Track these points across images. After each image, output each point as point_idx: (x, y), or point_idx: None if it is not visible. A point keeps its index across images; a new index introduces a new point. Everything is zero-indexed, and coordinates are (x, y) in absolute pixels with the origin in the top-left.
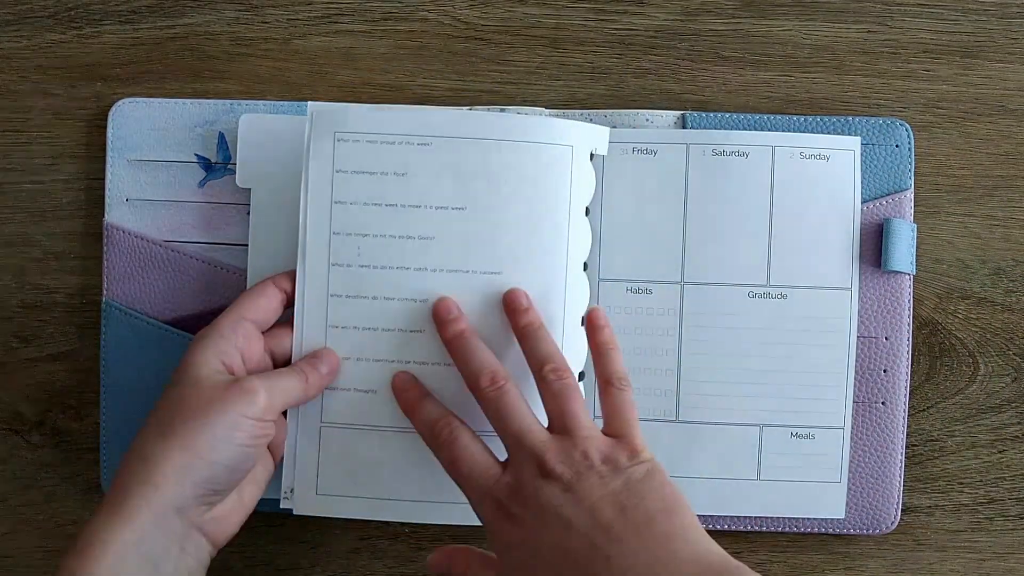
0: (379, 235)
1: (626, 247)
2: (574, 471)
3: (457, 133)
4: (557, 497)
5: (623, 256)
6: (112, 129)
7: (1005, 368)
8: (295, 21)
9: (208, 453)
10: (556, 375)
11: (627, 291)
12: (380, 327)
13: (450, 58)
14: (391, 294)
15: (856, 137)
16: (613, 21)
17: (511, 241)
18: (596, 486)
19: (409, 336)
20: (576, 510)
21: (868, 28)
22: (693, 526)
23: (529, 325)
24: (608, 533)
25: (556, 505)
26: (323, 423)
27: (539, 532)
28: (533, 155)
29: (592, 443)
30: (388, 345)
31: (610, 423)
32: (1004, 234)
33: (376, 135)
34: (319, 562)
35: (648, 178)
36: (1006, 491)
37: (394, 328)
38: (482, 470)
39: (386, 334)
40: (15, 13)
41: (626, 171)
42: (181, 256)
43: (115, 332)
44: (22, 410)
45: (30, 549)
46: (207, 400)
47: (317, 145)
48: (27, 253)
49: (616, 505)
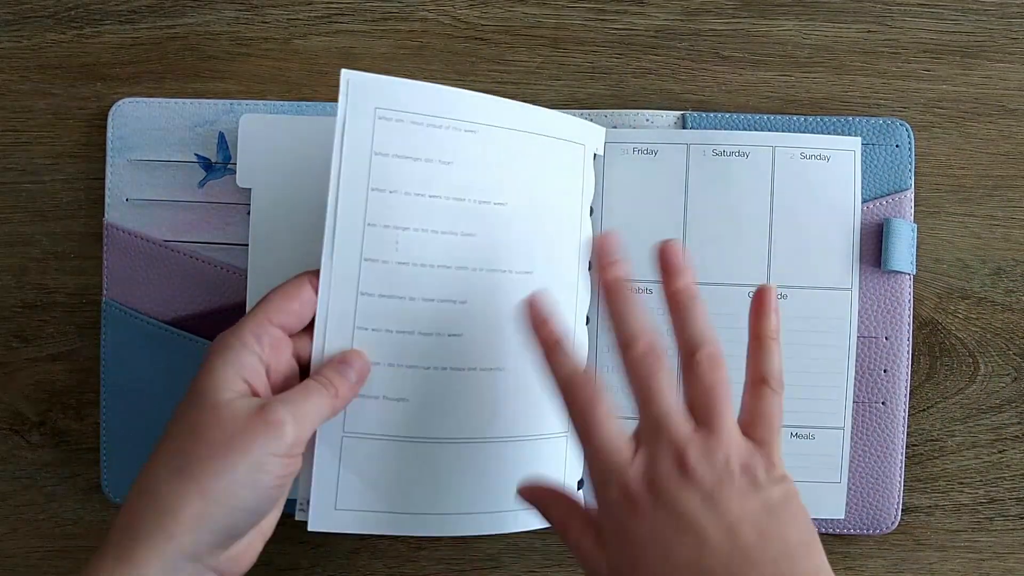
0: (420, 229)
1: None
2: (715, 477)
3: (500, 121)
4: (696, 504)
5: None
6: (112, 129)
7: (1005, 368)
8: (295, 21)
9: (229, 499)
10: (711, 364)
11: None
12: (416, 330)
13: (450, 58)
14: (429, 295)
15: (856, 138)
16: (613, 21)
17: (542, 239)
18: (735, 501)
19: (447, 340)
20: (715, 524)
21: (868, 28)
22: (826, 569)
23: (684, 291)
24: (747, 559)
25: (693, 513)
26: (345, 433)
27: (667, 535)
28: (559, 151)
29: (734, 447)
30: (422, 350)
31: (754, 426)
32: (1004, 234)
33: (423, 116)
34: (319, 562)
35: (648, 178)
36: (1006, 491)
37: (431, 332)
38: (617, 446)
39: (421, 338)
40: (15, 13)
41: (626, 171)
42: (181, 256)
43: (115, 332)
44: (22, 410)
45: (30, 549)
46: (228, 435)
47: (354, 122)
48: (27, 253)
49: (757, 529)
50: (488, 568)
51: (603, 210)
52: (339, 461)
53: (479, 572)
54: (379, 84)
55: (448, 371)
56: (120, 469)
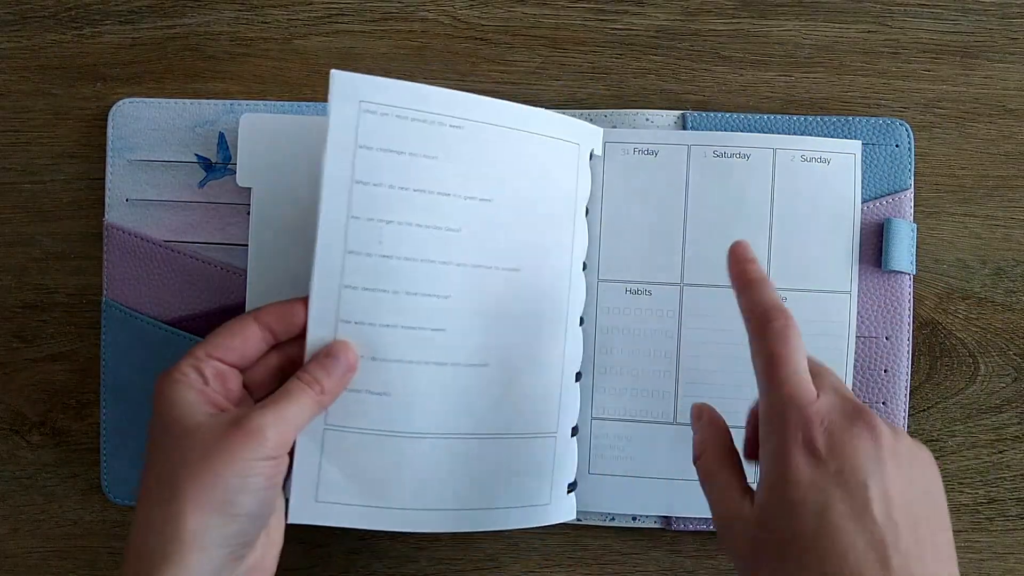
0: (405, 223)
1: (626, 248)
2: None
3: (488, 119)
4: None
5: (623, 257)
6: (112, 129)
7: (1005, 368)
8: (295, 21)
9: (225, 508)
10: None
11: (626, 292)
12: (399, 324)
13: (450, 58)
14: (413, 288)
15: (857, 141)
16: (613, 21)
17: (530, 237)
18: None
19: (431, 335)
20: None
21: (868, 28)
22: None
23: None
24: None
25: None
26: (327, 426)
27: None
28: (551, 150)
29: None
30: (406, 344)
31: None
32: (1004, 234)
33: (408, 110)
34: (319, 562)
35: (649, 179)
36: (1006, 491)
37: (414, 326)
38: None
39: (405, 332)
40: (15, 13)
41: (626, 171)
42: (181, 256)
43: (115, 332)
44: (22, 410)
45: (30, 549)
46: (209, 450)
47: (339, 115)
48: (27, 253)
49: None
50: (488, 568)
51: (603, 210)
52: (321, 453)
53: (479, 572)
54: (365, 80)
55: (431, 365)
56: (120, 469)
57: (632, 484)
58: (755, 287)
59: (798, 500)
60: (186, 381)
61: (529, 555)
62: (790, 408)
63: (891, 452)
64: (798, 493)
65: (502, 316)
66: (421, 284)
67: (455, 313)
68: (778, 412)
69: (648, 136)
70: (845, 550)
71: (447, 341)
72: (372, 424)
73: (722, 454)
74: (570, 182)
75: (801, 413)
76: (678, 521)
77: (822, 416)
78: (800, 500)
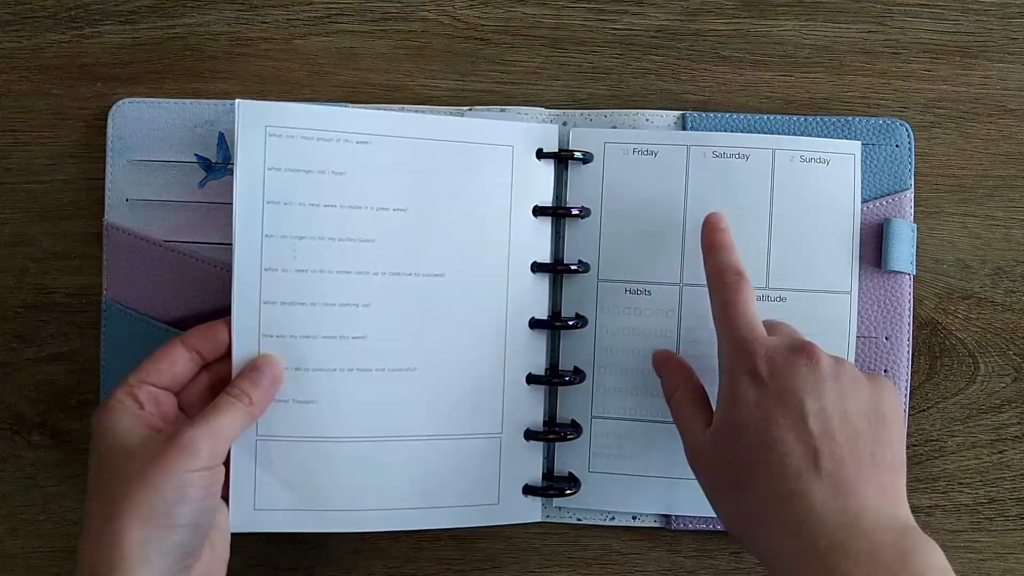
0: (316, 237)
1: (625, 248)
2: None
3: (396, 132)
4: (809, 383)
5: (622, 257)
6: (112, 129)
7: (1005, 368)
8: (295, 21)
9: (164, 519)
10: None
11: (626, 292)
12: (319, 334)
13: (450, 58)
14: (331, 299)
15: (856, 142)
16: (613, 21)
17: (453, 243)
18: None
19: (352, 343)
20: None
21: (868, 28)
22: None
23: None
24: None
25: (804, 389)
26: (259, 436)
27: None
28: (472, 156)
29: None
30: (328, 353)
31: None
32: (1004, 234)
33: (311, 131)
34: (319, 562)
35: (648, 179)
36: (1006, 491)
37: (334, 335)
38: (754, 324)
39: (325, 341)
40: (15, 13)
41: (626, 172)
42: (181, 256)
43: (115, 332)
44: (22, 410)
45: (30, 549)
46: (146, 467)
47: (246, 140)
48: (27, 253)
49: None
50: (488, 568)
51: (603, 210)
52: (255, 463)
53: (479, 572)
54: (270, 107)
55: (355, 372)
56: None
57: (632, 483)
58: (720, 250)
59: (743, 418)
60: (121, 408)
61: (529, 555)
62: (739, 343)
63: (831, 375)
64: (744, 412)
65: (427, 321)
66: (338, 295)
67: (376, 320)
68: (729, 348)
69: (648, 136)
70: (784, 456)
71: (369, 347)
72: (301, 431)
73: (692, 392)
74: (503, 185)
75: (748, 346)
76: (678, 520)
77: (766, 348)
78: (745, 418)
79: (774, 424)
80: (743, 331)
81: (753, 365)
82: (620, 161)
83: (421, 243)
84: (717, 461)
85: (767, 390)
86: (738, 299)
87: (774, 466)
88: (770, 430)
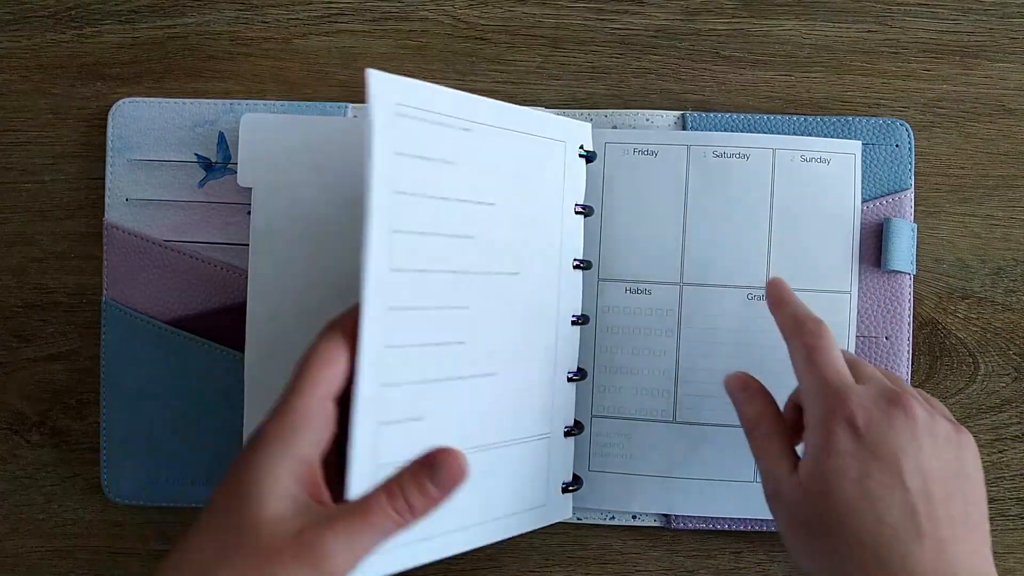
0: (433, 233)
1: (626, 247)
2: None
3: (489, 120)
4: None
5: (623, 256)
6: (112, 129)
7: (1005, 368)
8: (295, 21)
9: None
10: None
11: (626, 291)
12: (430, 341)
13: (450, 58)
14: (439, 302)
15: (857, 141)
16: (613, 21)
17: (525, 239)
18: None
19: (454, 349)
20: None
21: (868, 28)
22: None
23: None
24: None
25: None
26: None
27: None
28: (536, 149)
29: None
30: (435, 362)
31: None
32: (1004, 234)
33: (430, 112)
34: None
35: (648, 179)
36: (1006, 491)
37: (441, 342)
38: (842, 369)
39: (435, 349)
40: (15, 13)
41: (626, 172)
42: (181, 256)
43: (115, 332)
44: (22, 410)
45: (30, 549)
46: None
47: (380, 119)
48: (27, 253)
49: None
50: (488, 568)
51: (603, 210)
52: None
53: (479, 572)
54: (402, 82)
55: (456, 381)
56: (120, 469)
57: (632, 482)
58: (792, 302)
59: (839, 469)
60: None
61: (529, 555)
62: (830, 391)
63: (927, 431)
64: (840, 464)
65: (506, 322)
66: (446, 297)
67: (472, 324)
68: (821, 393)
69: (648, 136)
70: (881, 516)
71: (468, 353)
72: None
73: (776, 425)
74: (557, 181)
75: (841, 395)
76: (678, 519)
77: (862, 398)
78: (841, 469)
79: (871, 480)
80: (833, 378)
81: (849, 416)
82: (620, 161)
83: (505, 240)
84: (807, 510)
85: (863, 443)
86: (823, 343)
87: (870, 523)
88: (867, 486)
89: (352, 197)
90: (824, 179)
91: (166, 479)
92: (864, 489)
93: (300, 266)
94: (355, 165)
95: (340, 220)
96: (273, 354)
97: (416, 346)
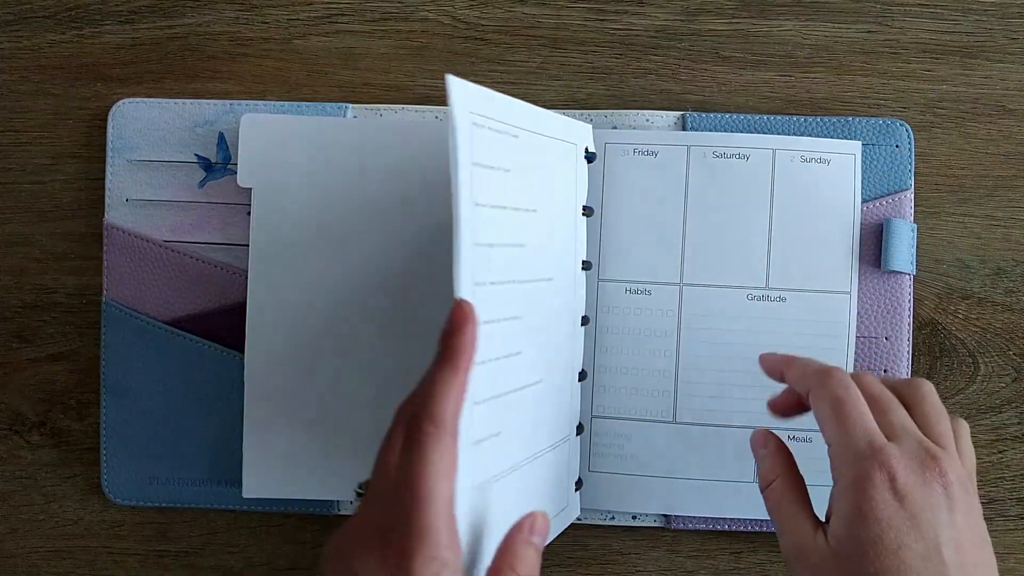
0: (498, 244)
1: (626, 248)
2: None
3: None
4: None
5: (623, 257)
6: (112, 129)
7: (1005, 368)
8: (295, 21)
9: None
10: None
11: (626, 292)
12: (498, 356)
13: (450, 58)
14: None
15: (857, 142)
16: (613, 21)
17: (554, 244)
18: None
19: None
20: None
21: (868, 28)
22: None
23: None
24: None
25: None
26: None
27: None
28: (557, 152)
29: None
30: (502, 375)
31: None
32: (1004, 234)
33: (495, 120)
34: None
35: (649, 179)
36: (1006, 491)
37: (501, 355)
38: (874, 427)
39: (503, 363)
40: (15, 13)
41: (627, 172)
42: (181, 256)
43: (115, 332)
44: (22, 410)
45: (30, 549)
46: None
47: (462, 131)
48: (27, 253)
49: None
50: None
51: (603, 210)
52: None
53: None
54: (476, 91)
55: (518, 392)
56: (120, 469)
57: (632, 483)
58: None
59: (875, 537)
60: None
61: None
62: (863, 452)
63: (962, 498)
64: (876, 530)
65: (547, 329)
66: (503, 308)
67: (524, 334)
68: (852, 452)
69: (648, 137)
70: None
71: (524, 363)
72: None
73: (793, 483)
74: (571, 183)
75: (876, 457)
76: (678, 520)
77: (898, 461)
78: (877, 537)
79: (909, 551)
80: (865, 438)
81: (884, 481)
82: (620, 161)
83: (541, 245)
84: (838, 571)
85: (900, 510)
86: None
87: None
88: (904, 557)
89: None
90: (824, 179)
91: (166, 479)
92: (901, 560)
93: (300, 266)
94: (355, 165)
95: (340, 220)
96: (273, 354)
97: (491, 360)
